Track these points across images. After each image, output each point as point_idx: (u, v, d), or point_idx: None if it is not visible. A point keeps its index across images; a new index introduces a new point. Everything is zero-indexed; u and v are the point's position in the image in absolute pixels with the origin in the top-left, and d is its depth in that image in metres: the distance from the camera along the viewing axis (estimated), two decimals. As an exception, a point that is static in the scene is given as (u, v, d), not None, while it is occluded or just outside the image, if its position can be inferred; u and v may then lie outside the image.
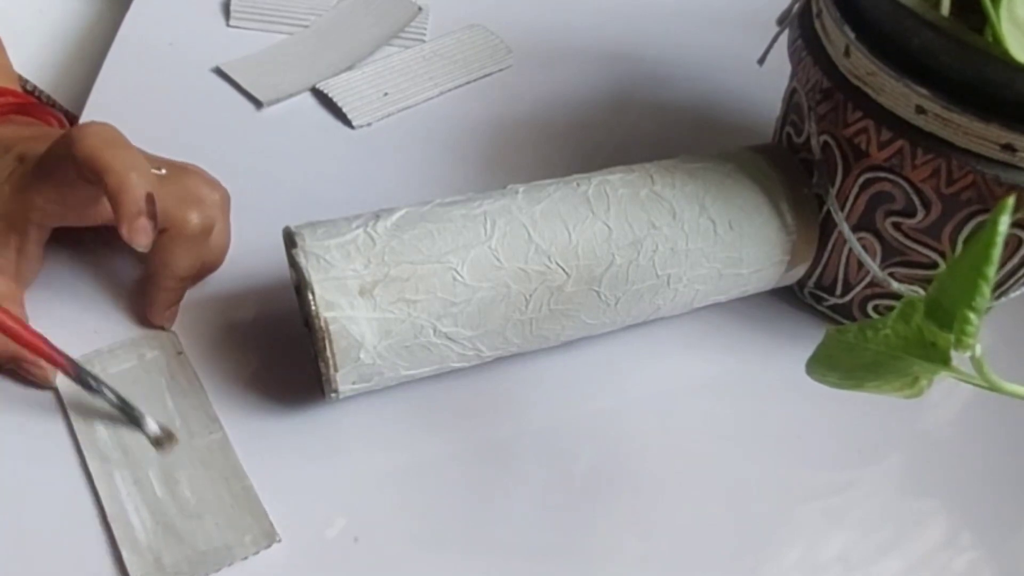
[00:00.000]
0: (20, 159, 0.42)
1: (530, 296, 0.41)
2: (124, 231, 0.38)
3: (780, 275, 0.46)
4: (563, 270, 0.41)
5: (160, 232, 0.42)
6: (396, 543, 0.40)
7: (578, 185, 0.43)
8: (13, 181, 0.42)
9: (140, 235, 0.38)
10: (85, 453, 0.40)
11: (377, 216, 0.40)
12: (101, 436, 0.40)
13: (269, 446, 0.42)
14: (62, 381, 0.42)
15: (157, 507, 0.39)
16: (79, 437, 0.40)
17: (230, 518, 0.39)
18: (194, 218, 0.42)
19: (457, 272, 0.39)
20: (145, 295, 0.45)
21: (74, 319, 0.45)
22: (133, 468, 0.40)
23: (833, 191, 0.43)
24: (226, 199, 0.46)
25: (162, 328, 0.45)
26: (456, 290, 0.39)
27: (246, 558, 0.38)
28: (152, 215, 0.38)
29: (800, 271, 0.46)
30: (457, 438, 0.43)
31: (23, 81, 0.61)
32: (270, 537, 0.38)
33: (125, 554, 0.37)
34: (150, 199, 0.38)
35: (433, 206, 0.41)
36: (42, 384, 0.42)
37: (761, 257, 0.44)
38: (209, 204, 0.44)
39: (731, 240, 0.43)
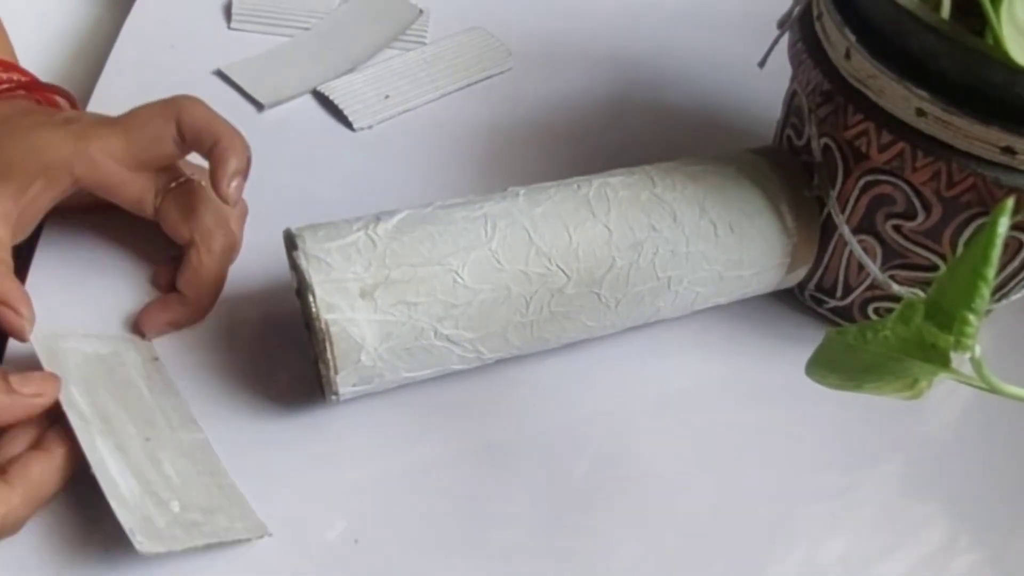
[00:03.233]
0: (67, 121, 0.43)
1: (531, 298, 0.41)
2: (224, 187, 0.42)
3: (781, 277, 0.46)
4: (564, 272, 0.41)
5: (192, 248, 0.44)
6: (396, 545, 0.40)
7: (579, 187, 0.43)
8: (72, 130, 0.42)
9: (237, 193, 0.43)
10: (65, 409, 0.38)
11: (378, 218, 0.40)
12: (76, 399, 0.39)
13: (270, 447, 0.42)
14: (37, 336, 0.41)
15: (141, 475, 0.37)
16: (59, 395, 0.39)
17: (219, 504, 0.38)
18: (222, 237, 0.45)
19: (458, 274, 0.39)
20: (157, 308, 0.45)
21: (60, 303, 0.45)
22: (116, 436, 0.38)
23: (834, 194, 0.43)
24: (244, 214, 0.48)
25: (141, 335, 0.45)
26: (457, 292, 0.39)
27: (238, 541, 0.37)
28: (246, 176, 0.44)
29: (801, 273, 0.46)
30: (458, 440, 0.43)
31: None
32: (261, 529, 0.38)
33: (114, 505, 0.35)
34: (249, 162, 0.44)
35: (434, 208, 0.41)
36: (17, 336, 0.41)
37: (762, 259, 0.44)
38: (233, 220, 0.46)
39: (732, 242, 0.43)
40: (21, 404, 0.37)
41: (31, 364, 0.40)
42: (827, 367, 0.32)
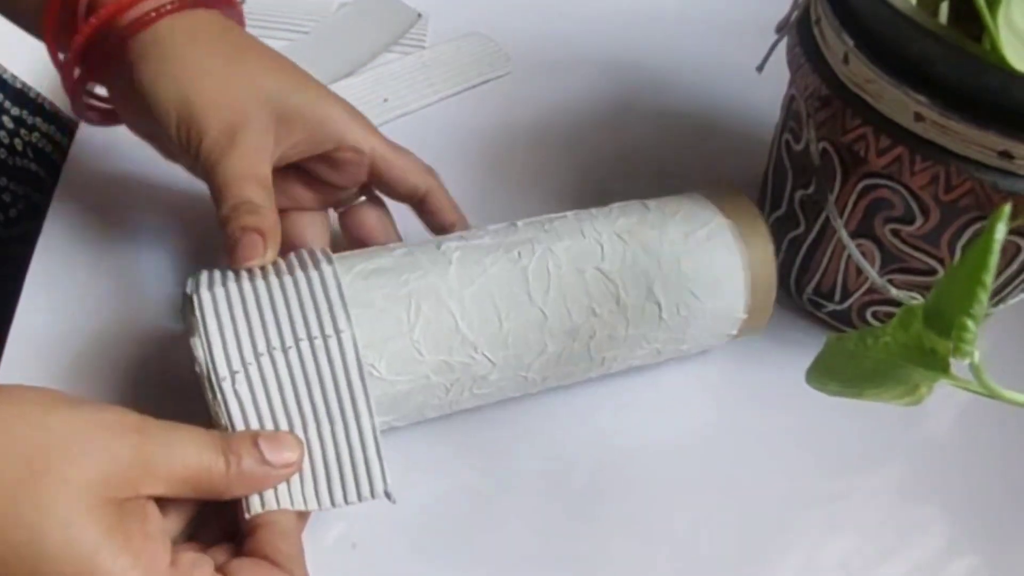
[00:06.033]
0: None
1: (451, 386, 0.38)
2: None
3: (723, 344, 0.45)
4: (489, 360, 0.38)
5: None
6: (394, 550, 0.40)
7: (519, 256, 0.39)
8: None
9: None
10: None
11: None
12: None
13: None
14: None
15: None
16: None
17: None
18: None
19: (375, 367, 0.37)
20: None
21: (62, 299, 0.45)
22: None
23: (832, 198, 0.43)
24: None
25: None
26: (373, 384, 0.36)
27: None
28: None
29: (748, 334, 0.45)
30: (456, 445, 0.43)
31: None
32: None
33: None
34: None
35: (354, 277, 0.37)
36: (239, 255, 0.37)
37: (705, 337, 0.43)
38: None
39: (676, 323, 0.41)
40: (274, 477, 0.34)
41: (30, 360, 0.40)
42: (828, 374, 0.32)
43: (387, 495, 0.35)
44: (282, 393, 0.35)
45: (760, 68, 0.48)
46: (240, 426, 0.35)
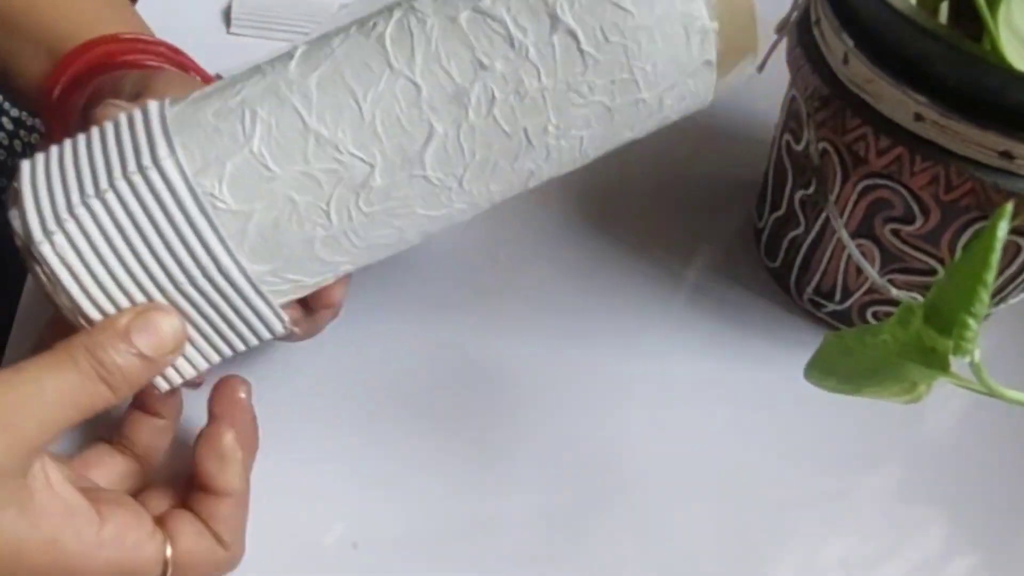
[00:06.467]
0: None
1: (328, 204, 0.31)
2: None
3: (710, 83, 0.33)
4: (362, 160, 0.30)
5: None
6: (395, 550, 0.40)
7: (375, 26, 0.31)
8: None
9: None
10: None
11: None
12: None
13: (268, 450, 0.42)
14: None
15: None
16: None
17: None
18: None
19: (216, 197, 0.30)
20: None
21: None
22: None
23: (832, 198, 0.43)
24: None
25: None
26: (222, 220, 0.30)
27: None
28: None
29: (745, 68, 0.33)
30: (456, 445, 0.43)
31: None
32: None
33: None
34: None
35: (186, 105, 0.31)
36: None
37: (667, 69, 0.31)
38: None
39: (609, 57, 0.30)
40: (167, 361, 0.30)
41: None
42: (826, 371, 0.32)
43: (291, 332, 0.31)
44: (116, 251, 0.29)
45: (760, 68, 0.48)
46: (90, 309, 0.29)
